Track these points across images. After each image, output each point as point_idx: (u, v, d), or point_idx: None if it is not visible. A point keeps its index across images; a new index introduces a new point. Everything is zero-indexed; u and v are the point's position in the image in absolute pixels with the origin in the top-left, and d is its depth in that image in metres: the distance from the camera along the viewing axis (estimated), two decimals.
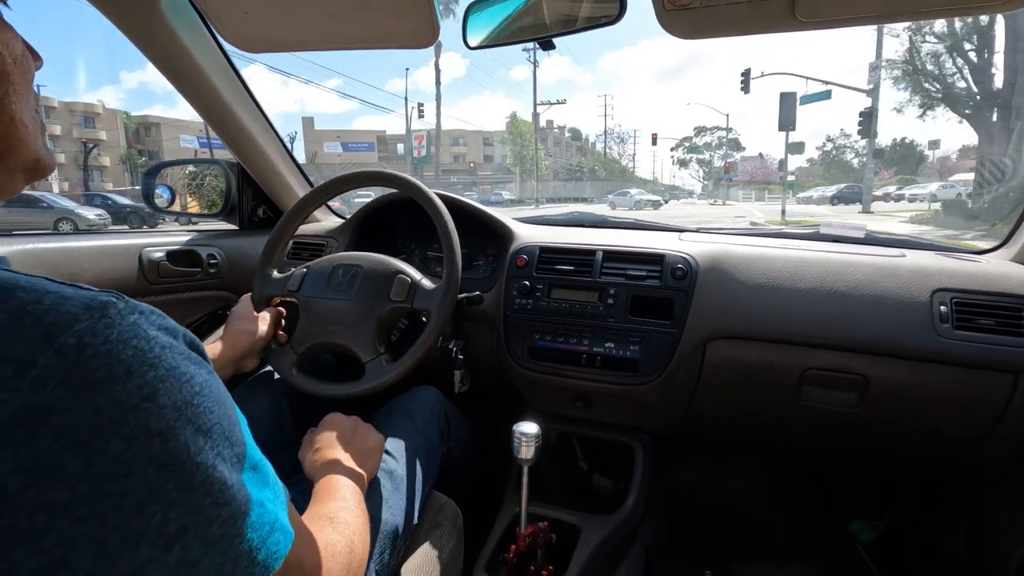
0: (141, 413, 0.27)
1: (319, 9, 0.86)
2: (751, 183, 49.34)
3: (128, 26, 0.95)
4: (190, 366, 0.31)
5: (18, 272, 0.29)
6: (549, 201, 34.62)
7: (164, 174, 1.38)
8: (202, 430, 0.30)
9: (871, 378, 0.93)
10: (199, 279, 1.26)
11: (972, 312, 0.88)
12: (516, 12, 0.84)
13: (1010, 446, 0.92)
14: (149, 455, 0.27)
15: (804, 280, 0.97)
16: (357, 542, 0.53)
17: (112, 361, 0.27)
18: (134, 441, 0.27)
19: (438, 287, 0.92)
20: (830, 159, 47.82)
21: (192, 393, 0.30)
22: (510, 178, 44.23)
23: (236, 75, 1.14)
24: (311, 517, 0.54)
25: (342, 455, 0.69)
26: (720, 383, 1.03)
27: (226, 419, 0.33)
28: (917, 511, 1.30)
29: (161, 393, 0.29)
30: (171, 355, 0.30)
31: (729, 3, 0.70)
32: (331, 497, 0.59)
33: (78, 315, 0.27)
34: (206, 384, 0.32)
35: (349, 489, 0.62)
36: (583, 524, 1.02)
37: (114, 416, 0.27)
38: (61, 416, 0.25)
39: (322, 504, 0.58)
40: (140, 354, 0.28)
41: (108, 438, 0.26)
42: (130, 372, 0.28)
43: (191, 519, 0.29)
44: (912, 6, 0.70)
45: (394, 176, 1.01)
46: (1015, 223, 1.02)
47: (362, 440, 0.74)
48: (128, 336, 0.28)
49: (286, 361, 0.93)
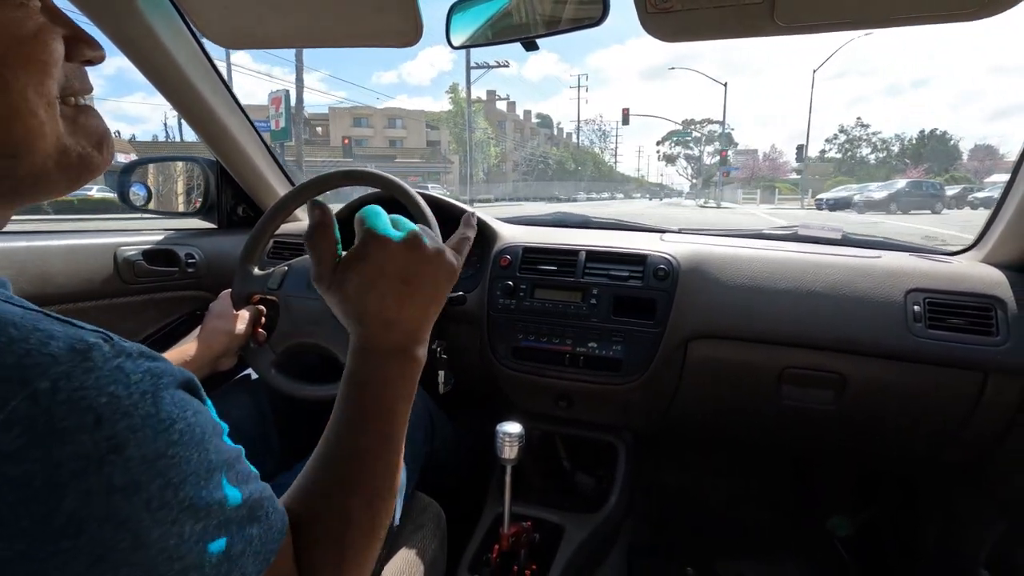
0: (105, 466, 0.25)
1: (300, 5, 0.85)
2: (752, 180, 41.39)
3: (102, 19, 0.93)
4: (173, 410, 0.29)
5: (16, 304, 0.28)
6: (501, 200, 28.26)
7: (140, 171, 1.35)
8: (172, 483, 0.28)
9: (848, 376, 0.95)
10: (176, 279, 1.23)
11: (944, 312, 0.91)
12: (499, 12, 0.84)
13: (980, 442, 0.95)
14: (107, 512, 0.25)
15: (783, 280, 0.99)
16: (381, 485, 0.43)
17: (82, 409, 0.25)
18: (92, 497, 0.25)
19: None
20: (846, 154, 41.19)
21: (168, 443, 0.28)
22: (448, 168, 36.97)
23: (214, 71, 1.12)
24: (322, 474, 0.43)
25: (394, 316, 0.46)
26: (701, 382, 1.05)
27: (204, 466, 0.30)
28: (893, 507, 1.34)
29: (131, 445, 0.26)
30: (151, 401, 0.28)
31: (710, 7, 0.71)
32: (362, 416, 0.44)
33: (59, 357, 0.26)
34: (187, 431, 0.29)
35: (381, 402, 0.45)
36: (566, 523, 1.03)
37: (75, 469, 0.25)
38: (18, 467, 0.24)
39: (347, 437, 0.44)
40: (115, 401, 0.26)
41: (64, 493, 0.24)
42: (99, 421, 0.25)
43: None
44: (886, 14, 0.72)
45: (378, 175, 1.01)
46: (985, 225, 1.05)
47: (422, 279, 0.46)
48: (106, 382, 0.26)
49: (264, 360, 0.91)
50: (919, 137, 36.58)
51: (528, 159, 47.43)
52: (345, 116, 40.05)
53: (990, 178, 19.07)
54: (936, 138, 36.61)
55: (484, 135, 34.11)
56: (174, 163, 1.41)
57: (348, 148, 25.02)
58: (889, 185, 17.43)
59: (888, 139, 40.73)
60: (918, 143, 35.96)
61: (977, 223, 1.07)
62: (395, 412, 0.45)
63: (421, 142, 40.98)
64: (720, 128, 37.56)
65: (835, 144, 42.86)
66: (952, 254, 1.10)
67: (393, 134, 41.23)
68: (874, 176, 30.38)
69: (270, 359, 0.91)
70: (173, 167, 1.40)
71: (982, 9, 0.66)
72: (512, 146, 47.60)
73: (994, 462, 0.99)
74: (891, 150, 40.27)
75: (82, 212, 11.62)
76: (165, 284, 1.22)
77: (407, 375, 0.46)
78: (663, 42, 0.79)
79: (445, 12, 0.87)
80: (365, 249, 0.44)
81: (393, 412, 0.45)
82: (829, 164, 42.51)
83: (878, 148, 41.17)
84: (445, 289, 0.49)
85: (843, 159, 41.88)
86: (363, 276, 0.44)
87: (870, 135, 40.85)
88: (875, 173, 34.21)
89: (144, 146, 27.39)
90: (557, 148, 52.65)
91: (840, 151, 42.54)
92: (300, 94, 19.27)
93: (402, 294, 0.45)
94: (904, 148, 38.67)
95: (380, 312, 0.45)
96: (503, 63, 27.49)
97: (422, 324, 0.47)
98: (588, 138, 58.34)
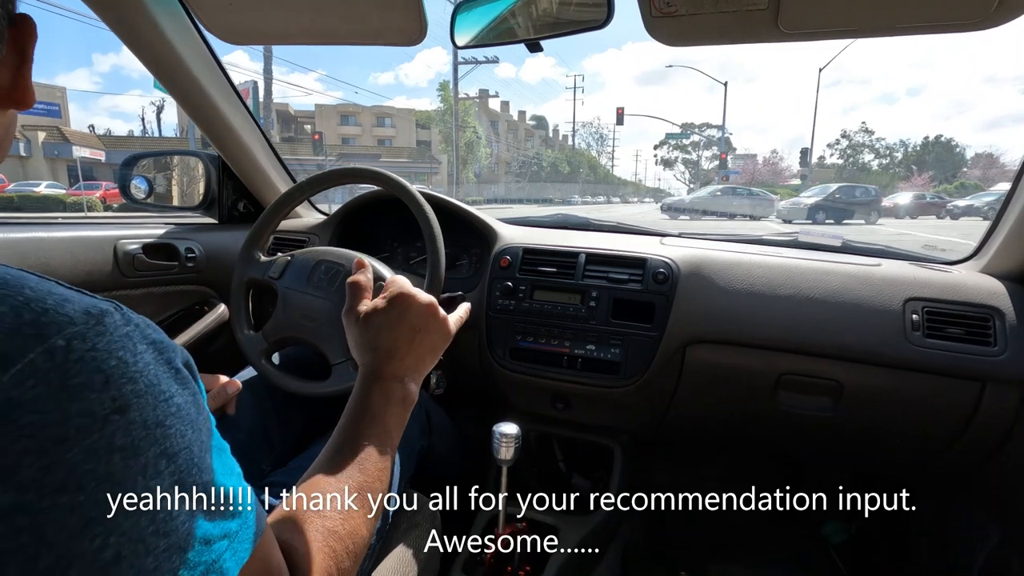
0: (108, 425, 0.27)
1: (305, 2, 0.85)
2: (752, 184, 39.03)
3: (109, 14, 0.93)
4: (172, 385, 0.30)
5: (30, 272, 0.29)
6: (491, 202, 27.11)
7: (142, 165, 1.35)
8: (167, 454, 0.29)
9: (845, 383, 0.95)
10: (176, 273, 1.23)
11: (942, 321, 0.91)
12: (504, 13, 0.84)
13: (976, 451, 0.95)
14: (106, 471, 0.26)
15: (782, 286, 0.99)
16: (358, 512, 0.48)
17: (93, 368, 0.27)
18: (95, 454, 0.26)
19: None
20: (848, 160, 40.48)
21: (166, 413, 0.29)
22: (435, 168, 35.14)
23: (219, 67, 1.12)
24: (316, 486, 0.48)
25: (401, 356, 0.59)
26: (699, 386, 1.05)
27: (197, 446, 0.31)
28: (887, 514, 1.34)
29: (134, 408, 0.28)
30: (154, 371, 0.29)
31: (714, 12, 0.71)
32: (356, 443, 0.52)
33: (75, 318, 0.27)
34: (184, 407, 0.31)
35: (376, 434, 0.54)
36: (561, 525, 1.03)
37: (81, 425, 0.26)
38: (30, 416, 0.25)
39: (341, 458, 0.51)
40: (123, 365, 0.28)
41: (69, 447, 0.25)
42: (108, 382, 0.27)
43: (129, 548, 0.27)
44: (891, 22, 0.72)
45: (381, 174, 1.01)
46: (984, 236, 1.05)
47: (429, 334, 0.63)
48: (116, 347, 0.28)
49: (257, 348, 0.92)
50: (923, 143, 36.18)
51: (520, 160, 46.68)
52: (332, 114, 39.19)
53: (995, 187, 18.15)
54: (941, 145, 36.03)
55: (473, 135, 32.93)
56: (174, 157, 1.41)
57: (319, 144, 24.04)
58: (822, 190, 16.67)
59: (892, 145, 40.52)
60: (922, 149, 35.35)
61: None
62: (388, 429, 0.55)
63: (411, 141, 40.18)
64: (719, 132, 35.91)
65: (837, 149, 42.68)
66: (952, 263, 1.10)
67: (382, 133, 40.33)
68: (877, 182, 29.45)
69: (262, 348, 0.92)
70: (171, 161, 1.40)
71: (987, 19, 0.66)
72: (505, 147, 46.69)
73: (990, 472, 0.99)
74: (894, 156, 40.14)
75: (22, 209, 11.52)
76: (164, 278, 1.22)
77: (404, 400, 0.58)
78: (667, 45, 0.80)
79: (444, 12, 0.87)
80: (394, 300, 0.61)
81: (388, 431, 0.55)
82: (831, 170, 41.93)
83: (881, 154, 40.86)
84: (441, 348, 0.65)
85: (845, 165, 41.66)
86: (388, 318, 0.60)
87: (873, 141, 40.57)
88: (878, 179, 33.71)
89: (118, 140, 26.48)
90: (552, 150, 51.67)
91: (842, 157, 42.32)
92: (269, 86, 19.15)
93: (412, 339, 0.60)
94: (908, 155, 38.39)
95: (391, 347, 0.59)
96: (492, 59, 26.79)
97: (419, 365, 0.61)
98: (585, 141, 57.32)
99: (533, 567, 0.95)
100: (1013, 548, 0.99)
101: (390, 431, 0.55)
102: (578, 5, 0.83)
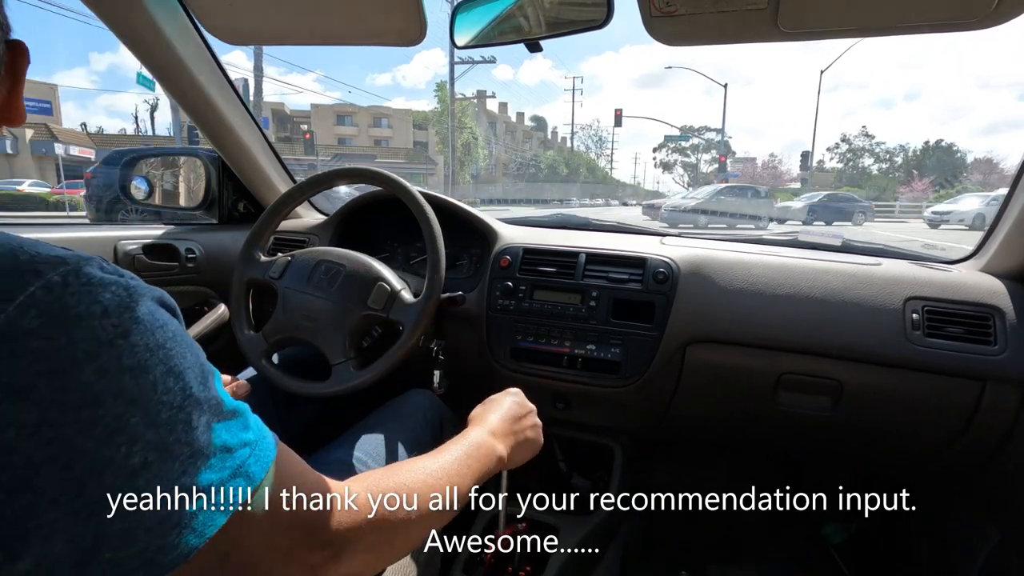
0: (115, 348, 0.29)
1: (305, 3, 0.85)
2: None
3: (108, 14, 0.93)
4: (164, 314, 0.33)
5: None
6: (488, 203, 25.68)
7: (142, 165, 1.35)
8: (173, 372, 0.32)
9: (845, 383, 0.95)
10: (176, 274, 1.23)
11: (942, 320, 0.91)
12: (504, 13, 0.84)
13: (976, 451, 0.95)
14: (119, 388, 0.29)
15: (782, 286, 0.99)
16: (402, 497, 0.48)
17: (90, 300, 0.29)
18: (106, 374, 0.29)
19: (417, 301, 0.91)
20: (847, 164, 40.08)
21: (165, 338, 0.32)
22: (431, 169, 33.86)
23: (219, 67, 1.12)
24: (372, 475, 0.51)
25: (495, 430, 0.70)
26: (699, 386, 1.05)
27: (197, 366, 0.34)
28: (887, 514, 1.34)
29: (135, 333, 0.30)
30: (146, 303, 0.32)
31: (714, 12, 0.71)
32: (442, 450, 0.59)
33: (67, 259, 0.30)
34: (179, 333, 0.34)
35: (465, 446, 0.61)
36: (561, 525, 1.03)
37: (88, 350, 0.28)
38: (39, 342, 0.27)
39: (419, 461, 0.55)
40: (117, 298, 0.30)
41: (82, 368, 0.28)
42: (106, 311, 0.30)
43: (155, 455, 0.30)
44: (890, 22, 0.72)
45: (381, 174, 1.01)
46: (985, 235, 1.05)
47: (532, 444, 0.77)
48: (109, 282, 0.31)
49: (257, 348, 0.92)
50: (923, 148, 35.81)
51: (518, 161, 46.51)
52: (329, 113, 38.96)
53: (996, 192, 16.98)
54: (942, 149, 35.70)
55: (471, 136, 32.52)
56: (175, 157, 1.41)
57: (310, 143, 23.97)
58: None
59: (892, 149, 40.46)
60: (923, 154, 35.04)
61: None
62: (471, 465, 0.60)
63: (408, 142, 39.46)
64: (718, 135, 34.53)
65: (836, 153, 42.43)
66: (952, 262, 1.10)
67: (379, 133, 39.86)
68: (876, 186, 29.83)
69: (262, 348, 0.92)
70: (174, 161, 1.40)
71: (987, 18, 0.66)
72: (503, 148, 46.43)
73: (990, 472, 0.99)
74: (894, 161, 40.10)
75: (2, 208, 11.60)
76: (165, 279, 1.22)
77: (492, 461, 0.64)
78: (666, 45, 0.80)
79: (443, 13, 0.87)
80: (507, 397, 0.78)
81: (470, 466, 0.60)
82: (831, 174, 41.64)
83: (881, 158, 40.66)
84: (530, 455, 0.76)
85: (844, 168, 41.40)
86: (499, 405, 0.76)
87: (873, 145, 40.24)
88: (878, 183, 33.58)
89: (109, 139, 26.21)
90: (550, 152, 50.88)
91: (842, 160, 42.10)
92: (259, 85, 19.10)
93: (525, 442, 0.74)
94: (908, 159, 38.33)
95: (496, 423, 0.71)
96: (489, 59, 26.37)
97: (508, 440, 0.71)
98: (584, 143, 56.93)
99: (533, 567, 0.95)
100: (1013, 548, 0.99)
101: (470, 468, 0.60)
102: (578, 5, 0.83)
